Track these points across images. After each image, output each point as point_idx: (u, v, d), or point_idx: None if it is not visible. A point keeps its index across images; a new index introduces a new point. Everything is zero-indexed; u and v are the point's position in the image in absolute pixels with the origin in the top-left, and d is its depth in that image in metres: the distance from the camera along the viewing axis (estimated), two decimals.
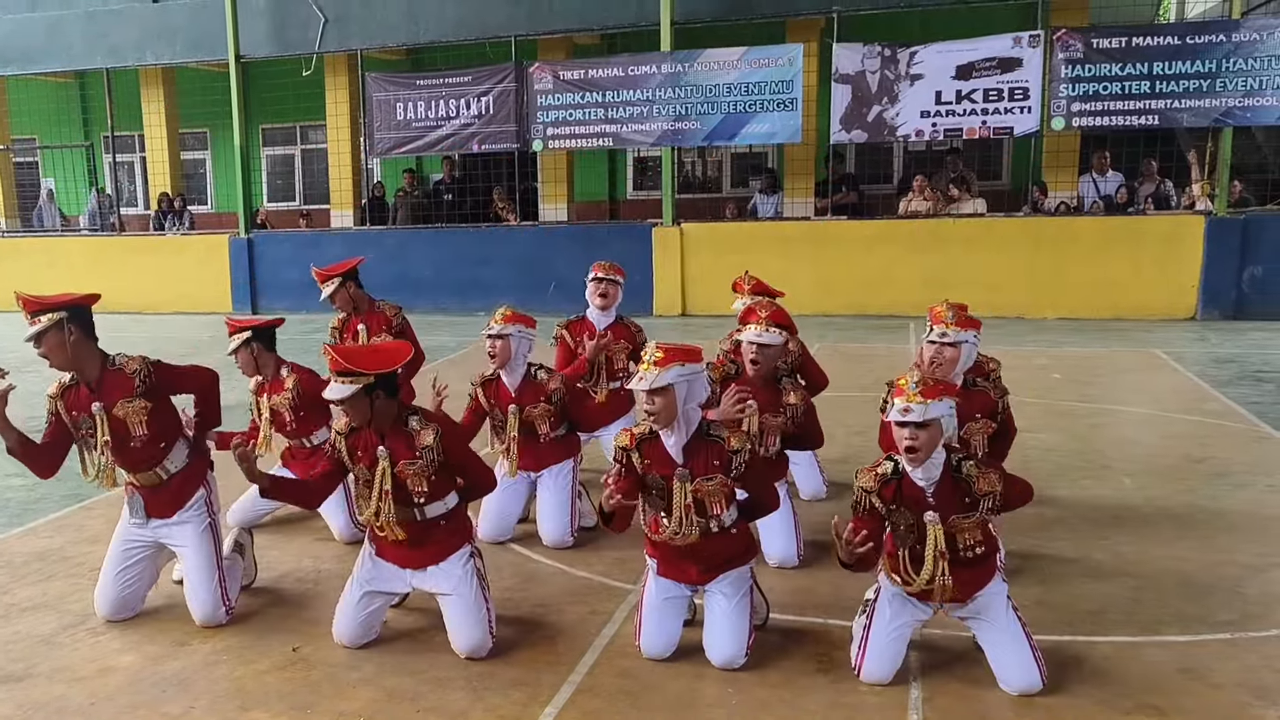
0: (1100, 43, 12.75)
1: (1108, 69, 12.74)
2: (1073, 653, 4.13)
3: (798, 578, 4.97)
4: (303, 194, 20.47)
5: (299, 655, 4.26)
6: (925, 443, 3.73)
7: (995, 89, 13.02)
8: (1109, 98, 12.79)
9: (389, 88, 15.50)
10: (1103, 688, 3.86)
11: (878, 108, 13.35)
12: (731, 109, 13.85)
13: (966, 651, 4.14)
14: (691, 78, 13.99)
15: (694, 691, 3.91)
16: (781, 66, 13.70)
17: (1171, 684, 3.88)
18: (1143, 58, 12.61)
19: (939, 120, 13.18)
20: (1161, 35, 12.99)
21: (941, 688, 3.88)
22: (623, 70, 14.33)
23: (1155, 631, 4.30)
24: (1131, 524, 5.67)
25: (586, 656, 4.19)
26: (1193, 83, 12.52)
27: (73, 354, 4.41)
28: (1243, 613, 4.48)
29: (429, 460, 4.21)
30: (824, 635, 4.35)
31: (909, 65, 13.25)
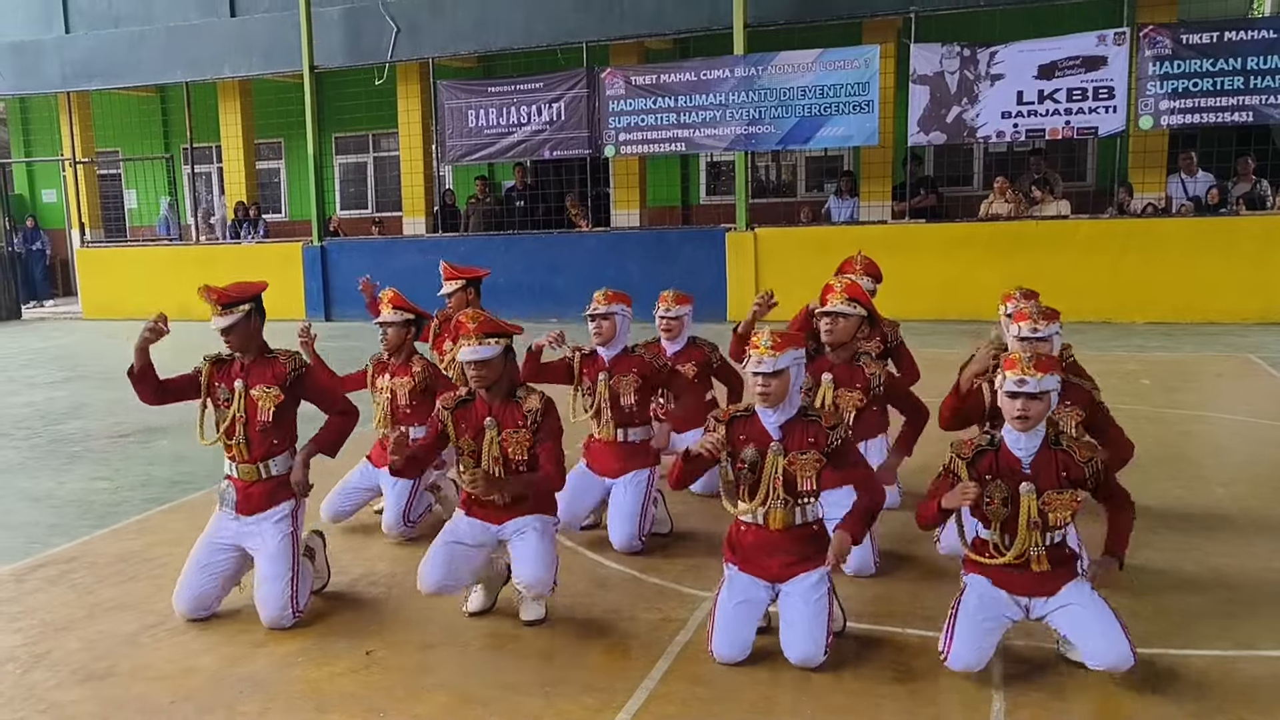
0: (1190, 38, 12.49)
1: (1198, 65, 12.48)
2: (1165, 665, 4.04)
3: (874, 586, 4.93)
4: (375, 201, 20.80)
5: (373, 659, 4.32)
6: (1036, 414, 3.88)
7: (1079, 88, 12.82)
8: (1199, 95, 12.53)
9: (460, 95, 15.70)
10: (1197, 700, 3.77)
11: (957, 109, 13.21)
12: (806, 112, 13.80)
13: (1049, 663, 4.08)
14: (765, 81, 13.97)
15: (769, 700, 3.89)
16: (857, 68, 13.62)
17: (1268, 699, 3.78)
18: (1235, 53, 12.33)
19: (1020, 121, 13.00)
20: (1256, 29, 12.69)
21: (1024, 698, 3.82)
22: (695, 74, 14.35)
23: (1251, 646, 4.19)
24: (1225, 534, 5.54)
25: (660, 663, 4.19)
26: (1265, 95, 12.24)
27: (253, 340, 4.82)
28: None
29: (531, 424, 4.54)
30: (902, 644, 4.31)
31: (989, 65, 13.10)
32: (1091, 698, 3.83)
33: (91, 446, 8.37)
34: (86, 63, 18.58)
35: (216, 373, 4.87)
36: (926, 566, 5.18)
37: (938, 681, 3.97)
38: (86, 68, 18.58)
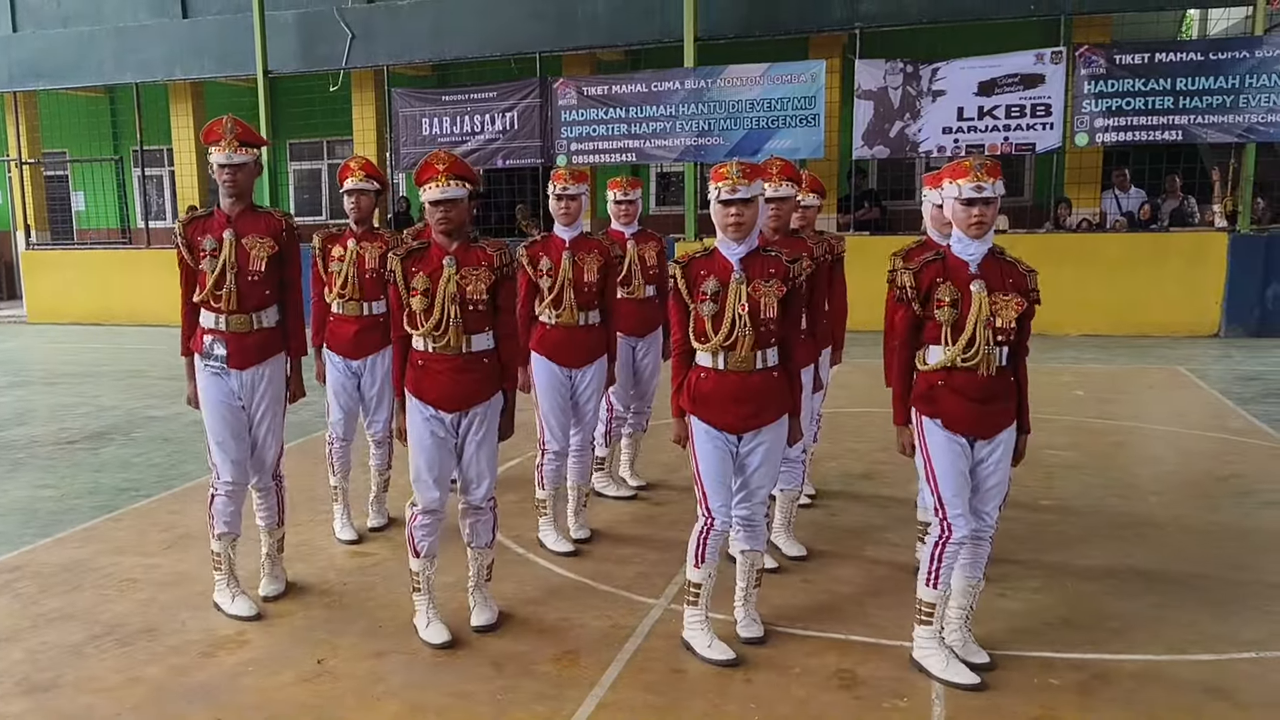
0: (1123, 59, 12.70)
1: (1130, 85, 12.68)
2: (1099, 670, 4.09)
3: (819, 593, 4.94)
4: (329, 208, 20.58)
5: (324, 667, 4.26)
6: (990, 218, 3.96)
7: (1018, 105, 12.98)
8: (1132, 114, 12.73)
9: (415, 103, 15.59)
10: (1129, 707, 3.81)
11: (900, 123, 13.32)
12: (754, 124, 13.86)
13: (987, 670, 4.10)
14: (714, 94, 14.01)
15: (717, 708, 3.88)
16: (804, 83, 13.70)
17: (1198, 704, 3.83)
18: (1166, 74, 12.55)
19: (961, 136, 13.15)
20: (1184, 52, 12.91)
21: (964, 705, 3.84)
22: (646, 86, 14.36)
23: (1182, 650, 4.25)
24: (1156, 542, 5.62)
25: (610, 671, 4.17)
26: (1215, 99, 12.44)
27: (250, 188, 4.82)
28: (1269, 631, 4.42)
29: (500, 267, 4.43)
30: (847, 650, 4.32)
31: (931, 81, 13.23)
32: (1029, 703, 3.85)
33: (37, 453, 8.18)
34: (34, 62, 18.18)
35: (195, 229, 4.75)
36: (871, 572, 5.20)
37: (881, 688, 3.99)
38: (34, 67, 18.18)
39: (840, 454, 7.44)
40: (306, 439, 8.40)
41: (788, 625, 4.56)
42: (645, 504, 6.43)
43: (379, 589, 5.11)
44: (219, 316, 4.72)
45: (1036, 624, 4.52)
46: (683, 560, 5.18)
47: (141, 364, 12.82)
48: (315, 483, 6.77)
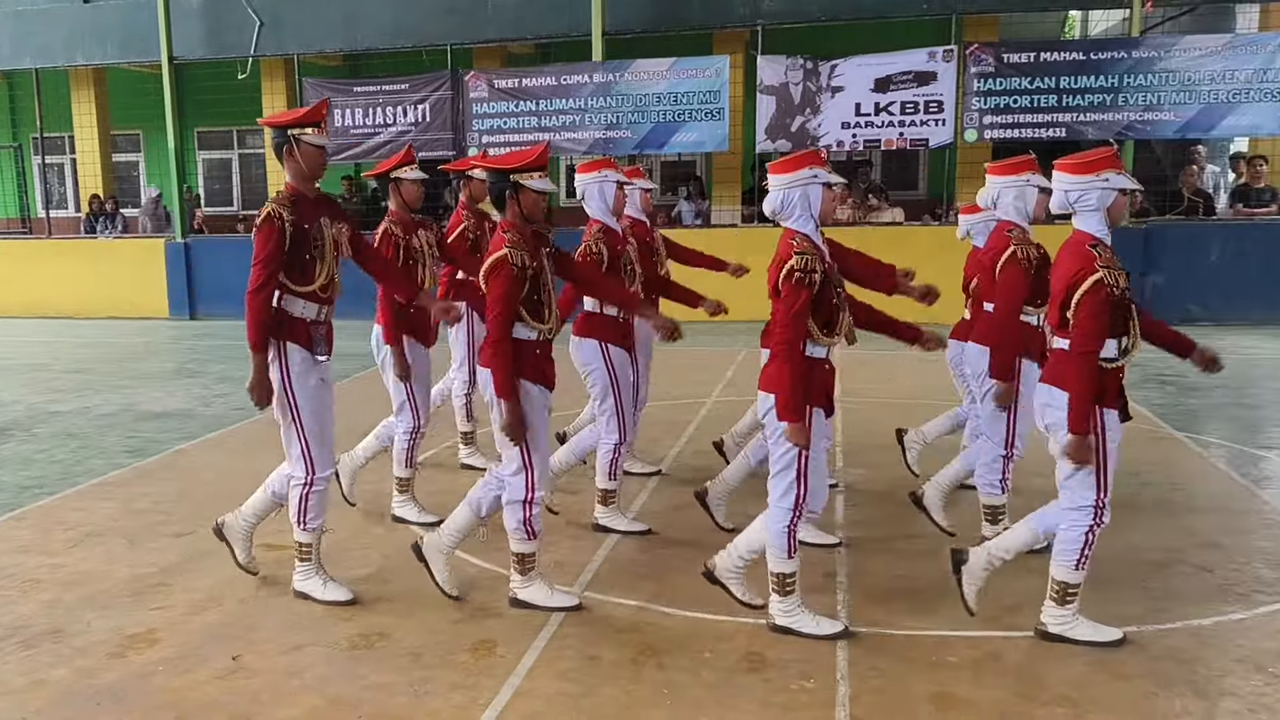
0: (1010, 58, 12.95)
1: (1017, 83, 12.94)
2: (992, 648, 4.17)
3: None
4: (241, 199, 20.06)
5: (239, 664, 4.15)
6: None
7: (912, 101, 13.17)
8: (1019, 111, 13.00)
9: (326, 93, 15.23)
10: (1020, 681, 3.90)
11: (800, 118, 13.44)
12: (661, 118, 13.86)
13: (891, 649, 4.17)
14: (622, 87, 13.97)
15: (630, 694, 3.87)
16: (709, 77, 13.73)
17: (1083, 676, 3.93)
18: (1050, 72, 12.84)
19: (859, 131, 13.31)
20: (1067, 51, 13.23)
21: (867, 684, 3.89)
22: (555, 79, 14.27)
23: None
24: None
25: (526, 659, 4.14)
26: (1096, 97, 12.76)
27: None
28: (1147, 607, 4.55)
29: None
30: (756, 633, 4.34)
31: (830, 78, 13.36)
32: (927, 680, 3.91)
33: None
34: None
35: (302, 214, 4.54)
36: None
37: (789, 670, 4.02)
38: None
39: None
40: (225, 430, 8.19)
41: (700, 610, 4.57)
42: (564, 494, 6.39)
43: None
44: (322, 308, 4.64)
45: (936, 604, 4.58)
46: (596, 549, 5.17)
47: (45, 357, 12.34)
48: (222, 476, 6.61)
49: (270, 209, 4.46)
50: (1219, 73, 12.40)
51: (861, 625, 4.37)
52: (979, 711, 3.68)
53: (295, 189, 4.58)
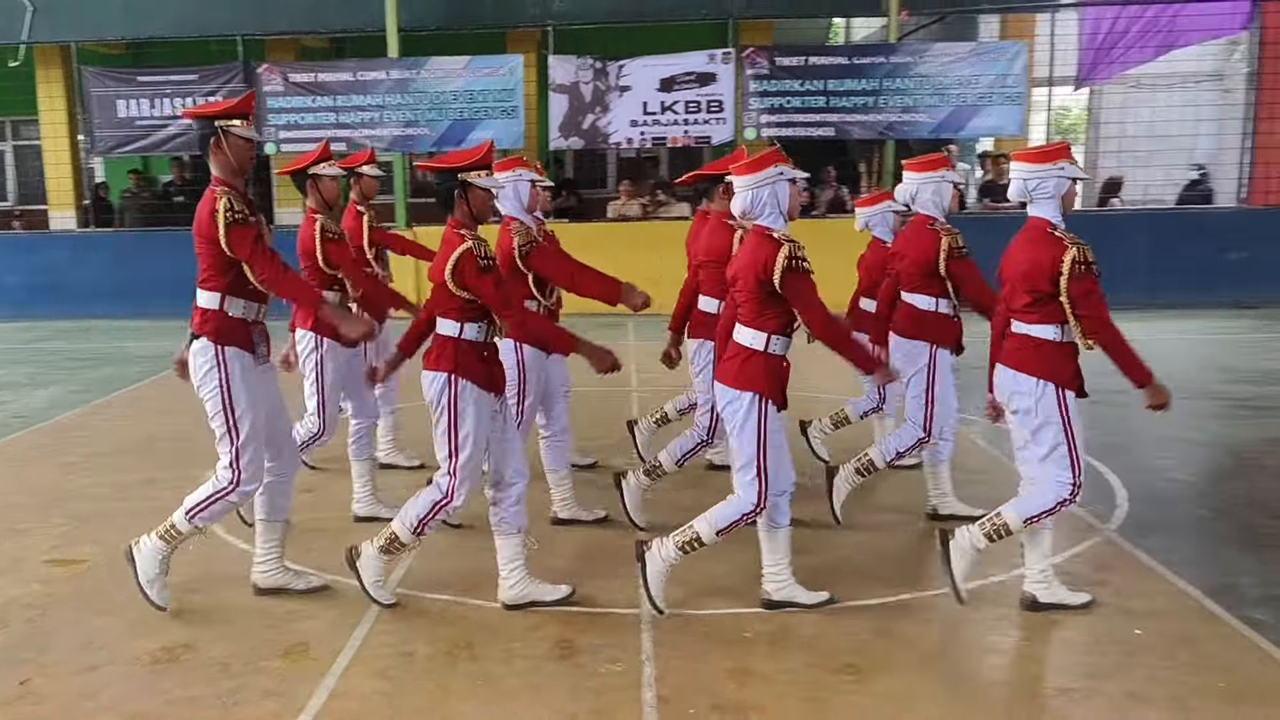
0: (782, 61, 13.31)
1: (789, 85, 13.31)
2: (785, 622, 4.27)
3: (540, 570, 4.89)
4: (17, 193, 18.47)
5: (28, 688, 3.81)
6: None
7: (695, 101, 13.36)
8: (792, 111, 13.37)
9: (108, 83, 14.19)
10: (811, 652, 4.01)
11: (592, 116, 13.44)
12: (458, 115, 13.57)
13: (693, 629, 4.22)
14: (419, 84, 13.60)
15: (444, 688, 3.79)
16: (503, 76, 13.55)
17: (868, 644, 4.07)
18: (818, 76, 13.25)
19: (647, 129, 13.41)
20: (833, 55, 13.72)
21: (671, 664, 3.93)
22: (352, 75, 13.75)
23: (854, 597, 4.46)
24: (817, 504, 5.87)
25: (340, 659, 3.99)
26: (860, 99, 13.26)
27: None
28: (917, 573, 4.75)
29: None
30: (567, 620, 4.32)
31: (618, 77, 13.41)
32: (726, 656, 3.98)
33: None
34: None
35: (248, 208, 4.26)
36: (587, 542, 5.24)
37: (598, 654, 4.02)
38: None
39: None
40: (4, 440, 7.55)
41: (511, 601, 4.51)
42: None
43: (92, 597, 4.63)
44: (260, 306, 4.34)
45: (736, 582, 4.65)
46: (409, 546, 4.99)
47: None
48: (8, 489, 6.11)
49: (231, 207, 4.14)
50: (966, 78, 13.09)
51: (665, 607, 4.40)
52: (774, 682, 3.78)
53: (227, 184, 4.23)
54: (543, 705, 3.65)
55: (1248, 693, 3.61)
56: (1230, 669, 3.77)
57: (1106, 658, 3.91)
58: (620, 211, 14.01)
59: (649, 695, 3.70)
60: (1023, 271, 4.15)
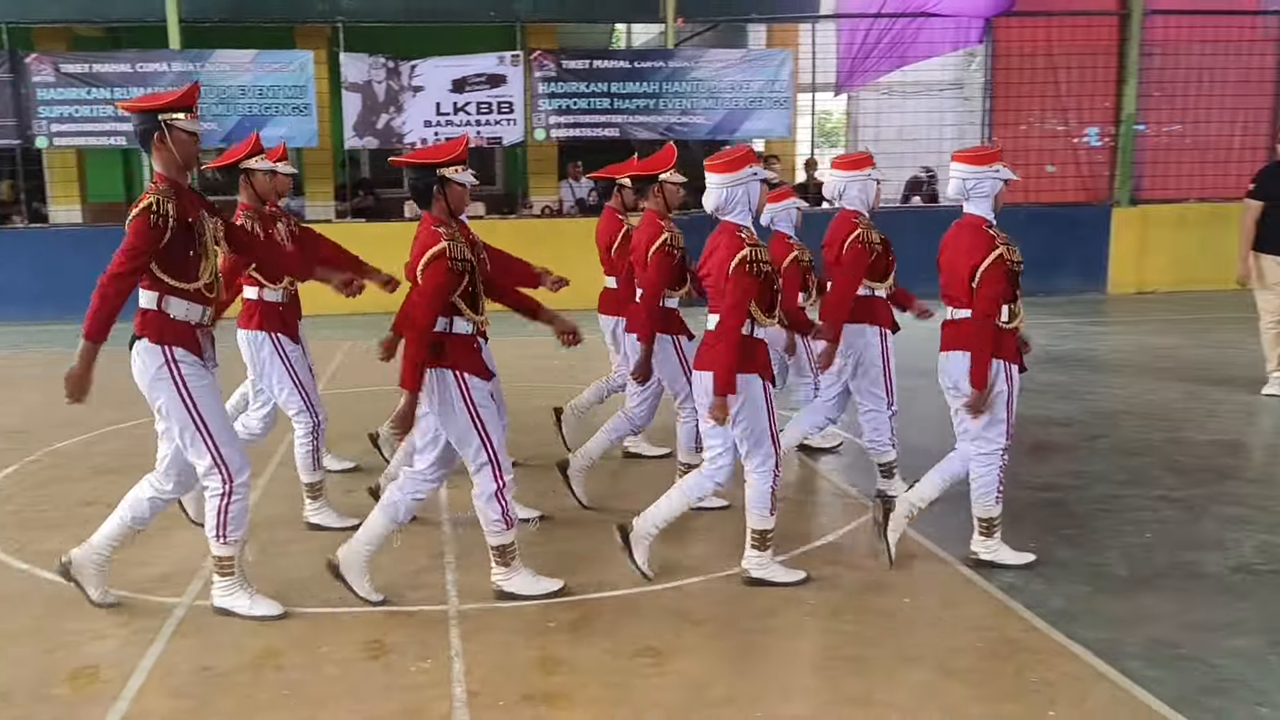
0: (569, 64, 13.27)
1: (576, 87, 13.28)
2: (587, 609, 4.26)
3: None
4: None
5: None
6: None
7: (486, 102, 13.14)
8: (578, 112, 13.35)
9: None
10: (611, 637, 4.00)
11: (386, 115, 13.00)
12: (248, 111, 12.80)
13: (500, 621, 4.15)
14: (204, 78, 12.73)
15: (251, 700, 3.57)
16: (293, 72, 12.90)
17: (664, 626, 4.09)
18: (603, 79, 13.28)
19: (440, 129, 13.08)
20: (616, 60, 13.79)
21: (479, 658, 3.84)
22: (131, 66, 12.75)
23: (650, 582, 4.50)
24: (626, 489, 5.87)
25: (133, 680, 3.69)
26: (642, 101, 13.38)
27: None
28: (708, 553, 4.79)
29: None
30: (375, 621, 4.16)
31: (410, 77, 13.02)
32: (530, 645, 3.94)
33: None
34: None
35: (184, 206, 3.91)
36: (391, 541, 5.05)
37: (408, 653, 3.89)
38: None
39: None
40: None
41: (318, 605, 4.31)
42: None
43: None
44: (205, 310, 4.02)
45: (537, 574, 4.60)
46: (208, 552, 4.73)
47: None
48: None
49: (152, 200, 3.81)
50: (738, 82, 13.41)
51: (471, 601, 4.32)
52: (579, 669, 3.75)
53: (170, 180, 3.91)
54: (353, 709, 3.50)
55: (1001, 649, 3.85)
56: (987, 629, 4.01)
57: (881, 626, 4.08)
58: (414, 211, 13.63)
59: (459, 691, 3.61)
60: (961, 263, 4.42)
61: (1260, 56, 13.92)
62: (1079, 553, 4.74)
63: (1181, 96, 13.94)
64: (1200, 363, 9.04)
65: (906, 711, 3.41)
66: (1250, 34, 13.90)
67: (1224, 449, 6.26)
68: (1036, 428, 5.92)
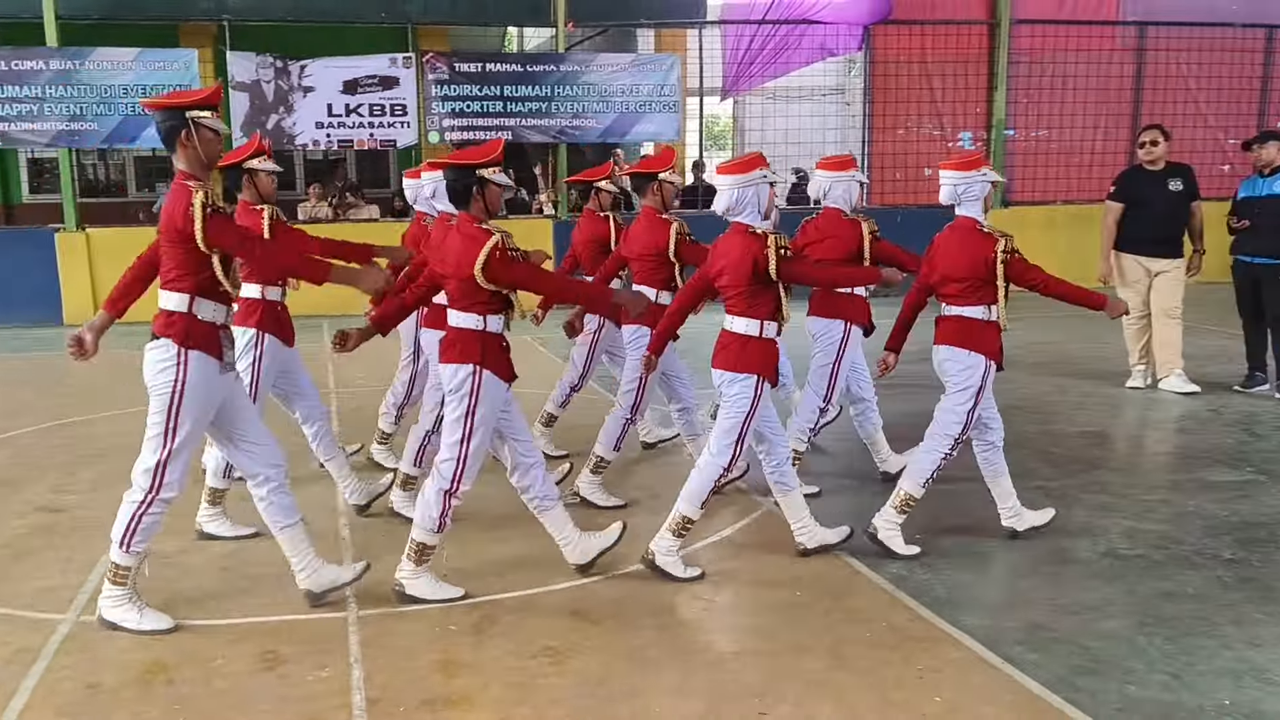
0: (462, 67, 13.10)
1: (469, 90, 13.11)
2: (487, 611, 4.21)
3: (238, 578, 4.56)
4: None
5: None
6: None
7: (379, 104, 12.88)
8: (472, 115, 13.19)
9: None
10: (512, 638, 3.96)
11: (276, 116, 12.62)
12: (129, 110, 12.24)
13: (399, 626, 4.08)
14: (85, 77, 12.18)
15: (140, 716, 3.44)
16: (177, 70, 12.41)
17: (564, 626, 4.08)
18: (495, 81, 13.14)
19: (333, 131, 12.76)
20: (508, 63, 13.65)
21: (378, 664, 3.77)
22: (6, 64, 12.10)
23: (546, 583, 4.47)
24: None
25: (15, 701, 3.51)
26: (534, 104, 13.28)
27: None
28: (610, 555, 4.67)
29: None
30: (270, 630, 4.04)
31: (300, 78, 12.67)
32: (431, 649, 3.88)
33: None
34: None
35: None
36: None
37: (304, 662, 3.79)
38: None
39: None
40: None
41: (207, 617, 4.17)
42: (47, 513, 5.51)
43: None
44: (229, 309, 4.02)
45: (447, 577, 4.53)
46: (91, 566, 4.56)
47: None
48: None
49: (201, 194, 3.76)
50: (628, 86, 13.43)
51: (370, 607, 4.24)
52: (480, 672, 3.71)
53: (196, 179, 3.84)
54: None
55: (889, 638, 3.94)
56: (876, 619, 4.09)
57: (774, 619, 4.14)
58: (310, 214, 13.30)
59: (358, 699, 3.53)
60: (957, 264, 4.62)
61: (1120, 65, 14.58)
62: (962, 543, 4.87)
63: (1048, 103, 14.52)
64: (1071, 358, 9.41)
65: (799, 702, 3.47)
66: (1110, 43, 14.53)
67: (1092, 440, 6.53)
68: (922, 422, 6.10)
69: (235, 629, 4.07)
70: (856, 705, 3.45)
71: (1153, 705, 3.41)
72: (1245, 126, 14.44)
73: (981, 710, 3.40)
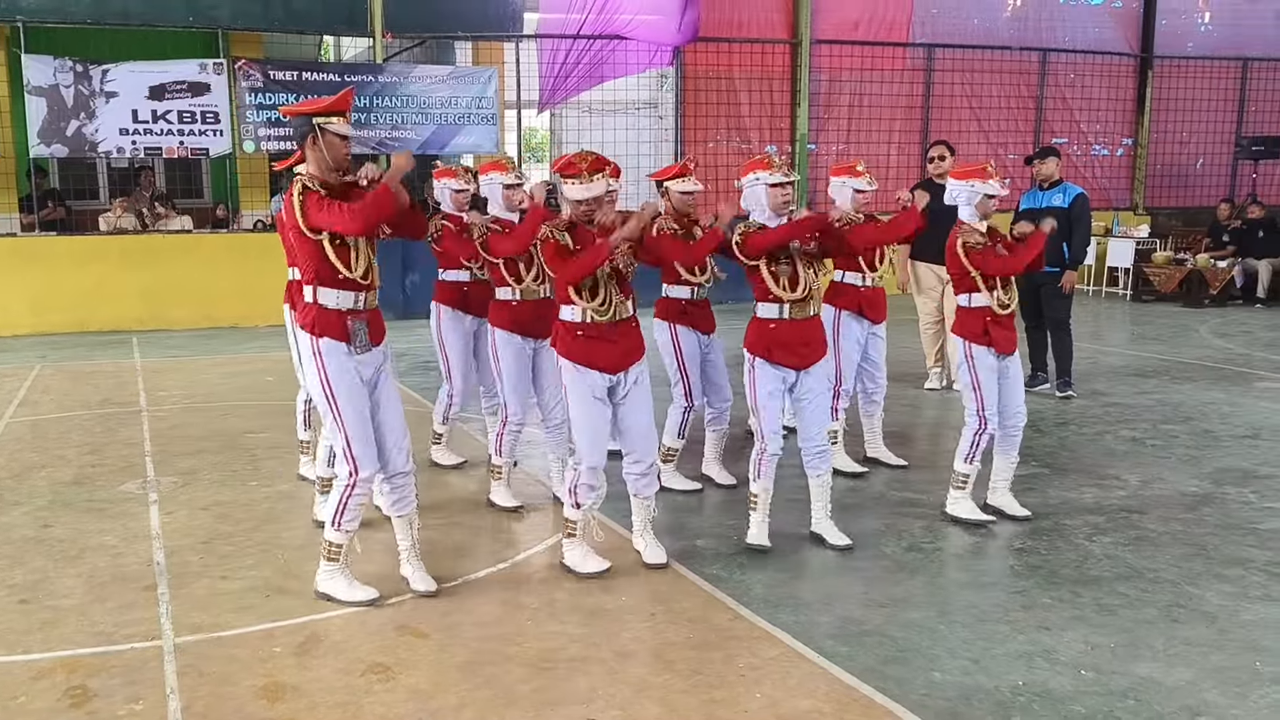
0: (277, 75, 12.58)
1: (285, 99, 12.54)
2: (313, 631, 4.06)
3: (40, 610, 4.23)
4: None
5: None
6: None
7: (189, 111, 12.17)
8: (288, 124, 12.63)
9: None
10: (339, 657, 3.85)
11: (76, 122, 11.73)
12: None
13: (218, 652, 3.88)
14: None
15: None
16: None
17: (395, 643, 3.97)
18: (312, 90, 12.55)
19: (139, 139, 11.97)
20: (325, 72, 13.20)
21: (198, 693, 3.57)
22: None
23: (380, 599, 4.31)
24: None
25: None
26: (354, 115, 12.84)
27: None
28: (452, 569, 4.63)
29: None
30: (76, 665, 3.75)
31: (103, 82, 11.84)
32: (258, 673, 3.71)
33: None
34: None
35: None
36: (94, 577, 4.60)
37: (115, 695, 3.53)
38: None
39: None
40: None
41: (7, 653, 3.85)
42: None
43: None
44: (359, 295, 4.09)
45: (257, 598, 4.36)
46: None
47: None
48: None
49: (303, 180, 3.96)
50: (447, 98, 13.21)
51: (188, 634, 4.01)
52: (306, 693, 3.57)
53: (320, 179, 3.99)
54: None
55: (711, 638, 3.99)
56: (698, 621, 4.14)
57: (597, 625, 4.11)
58: (115, 224, 12.42)
59: None
60: (951, 260, 5.09)
61: (910, 84, 15.41)
62: (778, 542, 4.94)
63: (847, 119, 15.22)
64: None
65: (624, 707, 3.47)
66: (902, 64, 15.33)
67: (895, 440, 6.84)
68: (734, 426, 6.25)
69: (36, 665, 3.77)
70: (680, 706, 3.48)
71: (955, 689, 3.58)
72: (1023, 143, 15.60)
73: (799, 704, 3.49)
